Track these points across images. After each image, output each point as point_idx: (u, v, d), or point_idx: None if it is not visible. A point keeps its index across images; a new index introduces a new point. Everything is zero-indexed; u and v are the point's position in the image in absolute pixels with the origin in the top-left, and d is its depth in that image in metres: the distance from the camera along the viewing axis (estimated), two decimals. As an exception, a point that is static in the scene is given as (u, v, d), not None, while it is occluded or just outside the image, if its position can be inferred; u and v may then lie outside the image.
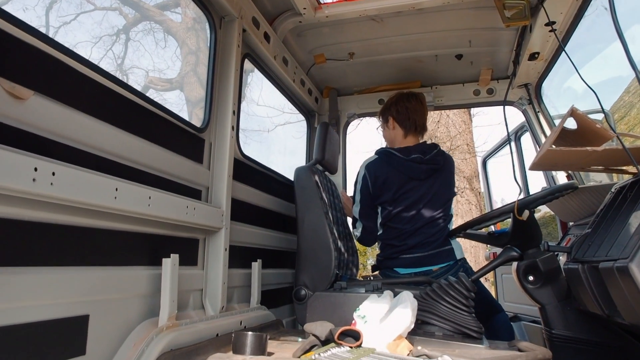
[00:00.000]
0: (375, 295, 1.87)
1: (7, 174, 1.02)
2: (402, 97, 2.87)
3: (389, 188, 2.69)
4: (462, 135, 7.20)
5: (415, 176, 2.68)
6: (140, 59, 4.97)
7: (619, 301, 1.44)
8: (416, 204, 2.67)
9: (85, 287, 1.31)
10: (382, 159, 2.77)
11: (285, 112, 4.31)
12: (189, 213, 1.73)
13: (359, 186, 2.81)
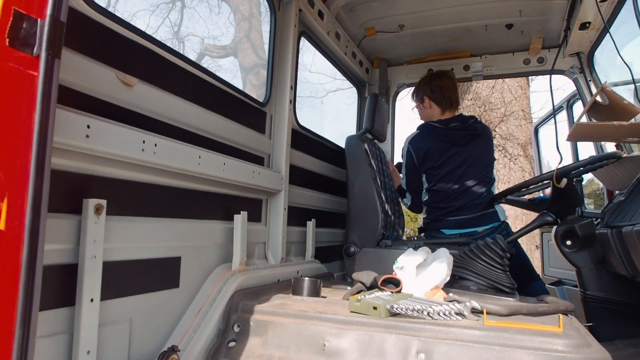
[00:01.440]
0: (411, 249, 2.10)
1: (123, 145, 1.33)
2: (434, 77, 3.04)
3: (433, 156, 2.88)
4: (518, 101, 7.07)
5: (456, 142, 2.86)
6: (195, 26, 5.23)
7: (638, 261, 1.59)
8: (459, 167, 2.85)
9: (177, 234, 1.64)
10: (423, 132, 2.97)
11: (337, 79, 4.49)
12: (254, 177, 2.02)
13: (404, 161, 3.03)
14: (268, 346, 1.61)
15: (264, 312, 1.69)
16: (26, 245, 0.82)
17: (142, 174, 1.47)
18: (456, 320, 1.51)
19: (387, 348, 1.46)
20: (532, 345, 1.33)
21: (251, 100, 2.14)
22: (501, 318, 1.53)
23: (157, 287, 1.55)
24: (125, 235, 1.40)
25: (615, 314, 2.21)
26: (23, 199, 0.84)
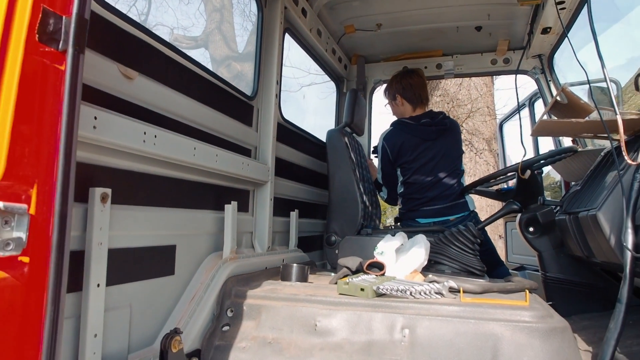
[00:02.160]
0: (390, 235, 2.25)
1: (126, 136, 1.40)
2: (405, 75, 3.22)
3: (406, 151, 3.05)
4: (484, 98, 7.36)
5: (427, 137, 3.05)
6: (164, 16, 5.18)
7: (592, 243, 1.79)
8: (431, 161, 3.03)
9: (173, 223, 1.72)
10: (396, 128, 3.14)
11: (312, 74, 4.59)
12: (243, 168, 2.12)
13: (380, 156, 3.20)
14: (262, 328, 1.71)
15: (257, 297, 1.80)
16: (56, 228, 0.89)
17: (142, 164, 1.54)
18: (436, 298, 1.66)
19: (375, 325, 1.59)
20: (503, 317, 1.49)
21: (240, 94, 2.22)
22: (475, 296, 1.70)
23: (155, 274, 1.63)
24: (126, 224, 1.47)
25: (571, 293, 2.43)
26: (51, 186, 0.91)
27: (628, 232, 1.44)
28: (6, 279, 0.80)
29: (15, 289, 0.82)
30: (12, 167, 0.83)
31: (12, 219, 0.83)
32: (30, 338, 0.84)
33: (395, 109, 3.30)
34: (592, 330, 1.84)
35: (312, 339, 1.62)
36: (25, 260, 0.84)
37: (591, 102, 1.73)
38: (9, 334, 0.81)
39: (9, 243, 0.81)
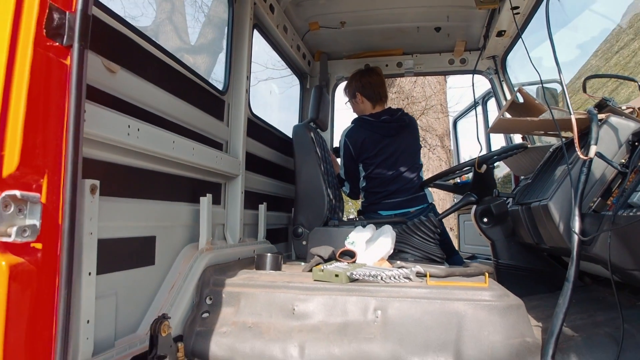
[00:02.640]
0: (360, 227, 2.37)
1: (112, 130, 1.43)
2: (364, 73, 3.37)
3: (368, 147, 3.19)
4: (437, 96, 7.67)
5: (387, 134, 3.20)
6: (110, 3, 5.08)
7: (542, 231, 1.98)
8: (392, 156, 3.19)
9: (153, 215, 1.75)
10: (357, 125, 3.28)
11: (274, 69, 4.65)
12: (217, 161, 2.16)
13: (342, 152, 3.32)
14: (241, 314, 1.78)
15: (235, 285, 1.87)
16: (67, 216, 0.93)
17: (125, 157, 1.57)
18: (405, 282, 1.79)
19: (349, 308, 1.70)
20: (465, 297, 1.64)
21: (213, 88, 2.26)
22: (440, 279, 1.84)
23: (137, 264, 1.66)
24: (111, 215, 1.50)
25: (521, 278, 2.65)
26: (58, 176, 0.95)
27: (575, 219, 1.63)
28: (22, 264, 0.84)
29: (30, 273, 0.86)
30: (26, 157, 0.86)
31: (25, 207, 0.86)
32: (44, 318, 0.89)
33: (355, 107, 3.43)
34: (541, 308, 2.03)
35: (290, 322, 1.71)
36: (39, 246, 0.88)
37: (544, 102, 1.91)
38: (24, 316, 0.85)
39: (25, 230, 0.84)
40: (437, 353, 1.55)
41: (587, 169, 1.66)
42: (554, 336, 1.52)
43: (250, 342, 1.67)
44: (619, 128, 1.75)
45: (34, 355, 0.87)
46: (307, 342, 1.63)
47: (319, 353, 1.60)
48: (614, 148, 1.74)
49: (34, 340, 0.87)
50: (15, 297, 0.82)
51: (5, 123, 0.84)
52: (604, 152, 1.70)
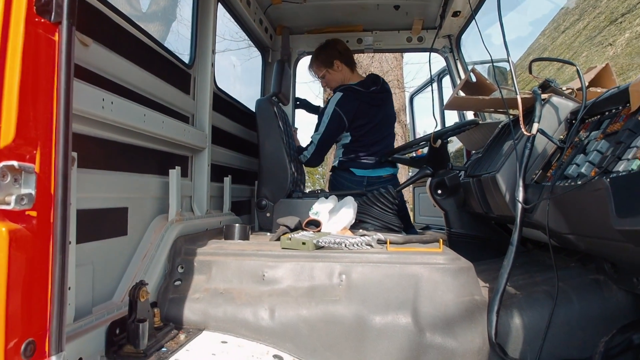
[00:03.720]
0: (323, 198, 2.50)
1: (88, 102, 1.45)
2: (337, 41, 3.48)
3: (359, 116, 3.28)
4: (394, 71, 7.82)
5: (375, 104, 3.34)
6: None
7: (490, 200, 2.16)
8: (378, 124, 3.34)
9: (126, 187, 1.79)
10: (349, 95, 3.29)
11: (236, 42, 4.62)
12: (185, 134, 2.20)
13: (329, 121, 3.27)
14: (213, 281, 1.87)
15: (206, 254, 1.95)
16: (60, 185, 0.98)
17: (99, 130, 1.59)
18: (367, 249, 1.93)
19: (316, 273, 1.83)
20: (422, 261, 1.80)
21: (180, 62, 2.28)
22: (399, 245, 2.00)
23: (111, 235, 1.71)
24: (88, 187, 1.53)
25: (471, 245, 2.87)
26: (50, 148, 0.99)
27: (520, 189, 1.81)
28: (20, 230, 0.89)
29: (27, 240, 0.91)
30: (21, 130, 0.90)
31: (20, 177, 0.91)
32: (39, 282, 0.95)
33: (333, 77, 3.44)
34: (489, 271, 2.24)
35: (261, 287, 1.82)
36: (34, 214, 0.93)
37: (494, 82, 2.07)
38: (23, 279, 0.91)
39: (23, 198, 0.89)
40: (396, 311, 1.71)
41: (531, 144, 1.84)
42: (499, 294, 1.71)
43: (223, 307, 1.76)
44: (559, 107, 1.93)
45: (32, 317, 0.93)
46: (277, 306, 1.74)
47: (289, 315, 1.72)
48: (555, 125, 1.92)
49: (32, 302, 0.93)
50: (15, 261, 0.88)
51: (1, 97, 0.87)
52: (545, 128, 1.88)
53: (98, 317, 1.49)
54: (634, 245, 1.25)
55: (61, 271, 0.97)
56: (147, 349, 1.45)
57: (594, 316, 1.75)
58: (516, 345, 1.72)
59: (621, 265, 1.70)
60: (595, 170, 1.42)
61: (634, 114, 1.43)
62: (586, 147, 1.59)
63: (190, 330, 1.73)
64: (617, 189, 1.23)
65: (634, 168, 1.22)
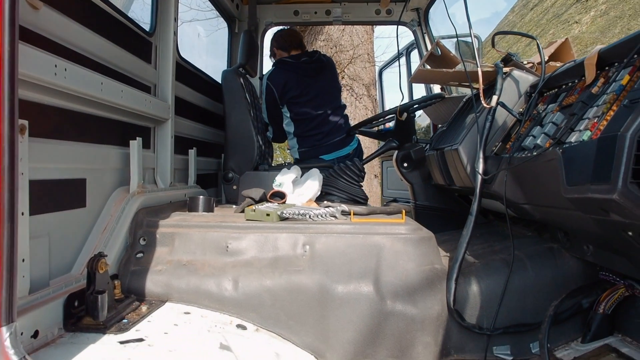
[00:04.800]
0: (285, 169, 2.49)
1: (39, 69, 1.39)
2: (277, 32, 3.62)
3: (291, 87, 3.28)
4: (364, 45, 7.76)
5: (307, 74, 3.32)
6: None
7: (453, 172, 2.21)
8: (317, 97, 3.32)
9: (83, 157, 1.73)
10: (278, 68, 3.35)
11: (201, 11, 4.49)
12: (146, 105, 2.14)
13: (264, 96, 3.37)
14: (176, 253, 1.86)
15: (169, 226, 1.92)
16: (6, 155, 0.95)
17: (52, 97, 1.53)
18: (331, 220, 1.95)
19: (280, 244, 1.83)
20: (385, 231, 1.83)
21: (139, 29, 2.19)
22: (363, 216, 2.02)
23: (68, 206, 1.66)
24: (41, 156, 1.48)
25: (436, 217, 2.94)
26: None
27: (480, 161, 1.85)
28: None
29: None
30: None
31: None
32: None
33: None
34: (450, 242, 2.30)
35: (224, 258, 1.82)
36: (-22, 182, 0.90)
37: (458, 55, 2.08)
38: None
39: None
40: (358, 280, 1.74)
41: (492, 116, 1.87)
42: (458, 262, 1.77)
43: (186, 278, 1.76)
44: (519, 80, 1.97)
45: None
46: (240, 276, 1.75)
47: (252, 285, 1.73)
48: (515, 98, 1.96)
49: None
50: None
51: None
52: (506, 101, 1.91)
53: (55, 290, 1.46)
54: (582, 213, 1.30)
55: (10, 241, 0.95)
56: (107, 320, 1.43)
57: (546, 282, 1.83)
58: (473, 311, 1.79)
59: (573, 234, 1.77)
60: (550, 141, 1.46)
61: (588, 87, 1.47)
62: (543, 119, 1.63)
63: (153, 302, 1.72)
64: (568, 158, 1.27)
65: (584, 139, 1.26)
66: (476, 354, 1.76)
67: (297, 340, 1.71)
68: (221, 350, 1.43)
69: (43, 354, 1.26)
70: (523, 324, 1.76)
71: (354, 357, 1.69)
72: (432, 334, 1.71)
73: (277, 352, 1.58)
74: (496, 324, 1.75)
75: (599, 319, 1.70)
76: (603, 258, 1.59)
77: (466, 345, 1.77)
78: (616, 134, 1.02)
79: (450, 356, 1.75)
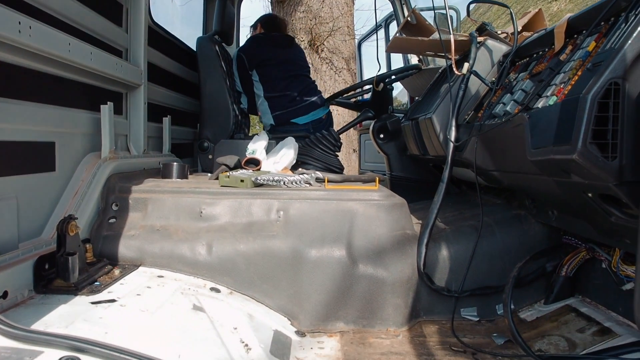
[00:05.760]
0: (256, 136, 2.49)
1: (1, 26, 1.34)
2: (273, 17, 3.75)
3: (260, 53, 3.27)
4: (344, 17, 7.66)
5: (279, 45, 3.34)
6: None
7: (427, 141, 2.24)
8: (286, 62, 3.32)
9: (51, 120, 1.69)
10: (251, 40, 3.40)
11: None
12: (117, 69, 2.09)
13: (236, 66, 3.32)
14: (149, 218, 1.85)
15: (142, 191, 1.91)
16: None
17: (17, 56, 1.48)
18: (305, 186, 1.96)
19: (254, 209, 1.84)
20: (358, 197, 1.86)
21: (110, -9, 2.13)
22: (337, 184, 2.04)
23: (37, 169, 1.63)
24: (5, 117, 1.44)
25: (410, 187, 2.99)
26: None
27: (452, 129, 1.88)
28: None
29: None
30: None
31: None
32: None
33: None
34: (423, 211, 2.34)
35: (198, 224, 1.82)
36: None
37: (433, 24, 2.08)
38: None
39: None
40: (331, 245, 1.77)
41: (465, 85, 1.89)
42: (428, 227, 1.81)
43: (159, 243, 1.76)
44: (493, 50, 1.99)
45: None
46: (214, 241, 1.76)
47: (226, 250, 1.75)
48: (488, 68, 1.98)
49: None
50: None
51: None
52: (480, 71, 1.94)
53: (25, 252, 1.45)
54: (546, 176, 1.34)
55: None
56: (78, 282, 1.43)
57: (513, 247, 1.89)
58: (442, 275, 1.84)
59: (539, 200, 1.83)
60: (519, 107, 1.49)
61: (557, 55, 1.50)
62: (514, 87, 1.66)
63: (126, 266, 1.72)
64: (533, 123, 1.30)
65: (551, 104, 1.29)
66: (444, 316, 1.82)
67: (270, 302, 1.74)
68: (194, 311, 1.45)
69: (13, 313, 1.25)
70: (489, 287, 1.83)
71: (325, 318, 1.73)
72: (403, 297, 1.76)
73: (250, 314, 1.61)
74: (464, 286, 1.81)
75: (561, 281, 1.77)
76: (566, 222, 1.65)
77: (435, 307, 1.83)
78: (578, 96, 1.05)
79: (419, 318, 1.81)
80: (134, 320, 1.29)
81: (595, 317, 1.60)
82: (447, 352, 1.56)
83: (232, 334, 1.44)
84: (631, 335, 1.40)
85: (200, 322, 1.41)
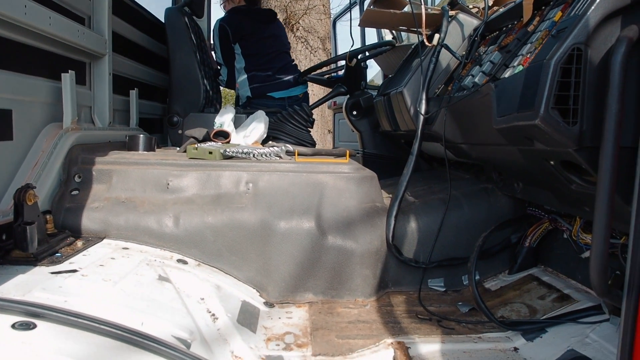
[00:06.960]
0: (223, 109, 2.45)
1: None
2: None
3: (244, 26, 3.24)
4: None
5: (260, 19, 3.31)
6: None
7: (398, 116, 2.24)
8: (269, 38, 3.31)
9: (8, 87, 1.62)
10: (232, 12, 3.33)
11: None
12: (79, 36, 2.01)
13: (218, 38, 3.29)
14: (113, 190, 1.80)
15: (106, 163, 1.86)
16: None
17: None
18: (275, 159, 1.94)
19: (223, 181, 1.82)
20: (328, 170, 1.85)
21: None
22: (307, 157, 2.03)
23: None
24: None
25: (382, 164, 3.00)
26: None
27: (422, 102, 1.88)
28: None
29: None
30: None
31: None
32: None
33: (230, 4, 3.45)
34: (393, 186, 2.34)
35: (165, 195, 1.79)
36: None
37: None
38: None
39: None
40: (301, 217, 1.76)
41: (435, 58, 1.89)
42: (398, 199, 1.82)
43: (125, 215, 1.72)
44: (464, 24, 1.99)
45: None
46: (181, 213, 1.73)
47: (194, 222, 1.72)
48: (459, 41, 1.98)
49: None
50: None
51: None
52: (451, 45, 1.93)
53: (-20, 223, 1.39)
54: (511, 146, 1.36)
55: None
56: (38, 253, 1.39)
57: (480, 220, 1.93)
58: (411, 247, 1.86)
59: (505, 173, 1.85)
60: (487, 79, 1.50)
61: (525, 26, 1.51)
62: (483, 60, 1.67)
63: (90, 238, 1.67)
64: (499, 91, 1.31)
65: (517, 73, 1.30)
66: (412, 287, 1.84)
67: (239, 274, 1.73)
68: (160, 282, 1.43)
69: (-34, 283, 1.21)
70: (456, 258, 1.86)
71: (294, 289, 1.73)
72: (371, 268, 1.77)
73: (218, 285, 1.59)
74: (432, 258, 1.84)
75: (525, 252, 1.82)
76: (531, 194, 1.69)
77: (403, 278, 1.85)
78: (541, 62, 1.06)
79: (387, 288, 1.83)
80: (96, 289, 1.26)
81: (555, 285, 1.65)
82: (413, 320, 1.58)
83: (199, 304, 1.43)
84: (589, 301, 1.45)
85: (166, 292, 1.38)
